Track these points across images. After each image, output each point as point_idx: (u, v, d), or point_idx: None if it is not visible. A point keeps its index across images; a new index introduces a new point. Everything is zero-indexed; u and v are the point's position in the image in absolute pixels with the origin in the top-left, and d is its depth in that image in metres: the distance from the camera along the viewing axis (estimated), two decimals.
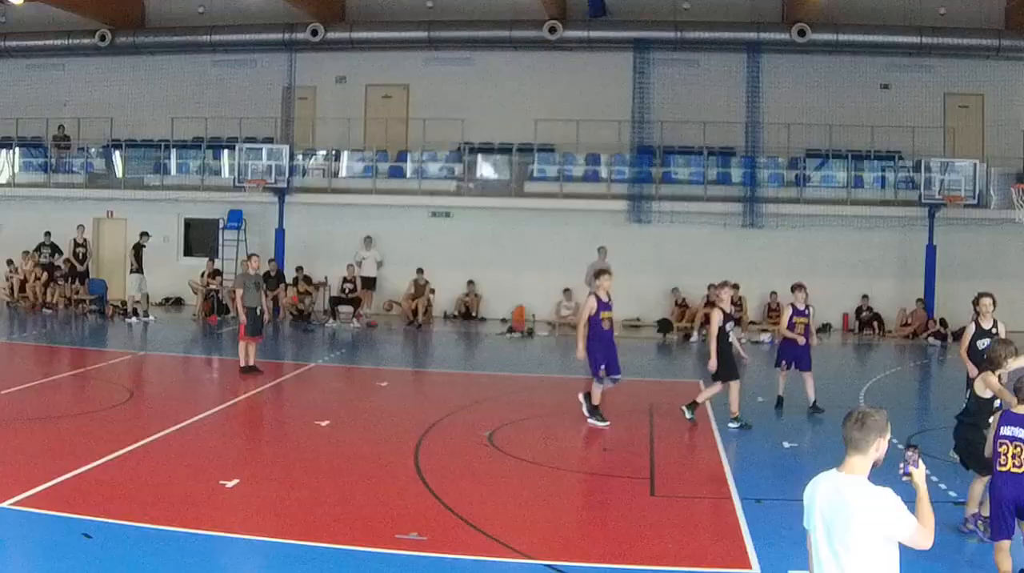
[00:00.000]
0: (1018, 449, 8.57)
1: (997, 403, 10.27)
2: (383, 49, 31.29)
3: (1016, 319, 28.99)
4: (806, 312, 17.26)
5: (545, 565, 9.29)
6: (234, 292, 20.87)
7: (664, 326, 28.45)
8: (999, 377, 10.42)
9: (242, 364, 19.39)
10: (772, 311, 29.21)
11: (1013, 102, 30.15)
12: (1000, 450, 8.69)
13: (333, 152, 31.24)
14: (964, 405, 10.92)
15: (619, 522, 11.14)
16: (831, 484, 5.67)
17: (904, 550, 5.77)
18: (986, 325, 14.21)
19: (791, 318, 17.14)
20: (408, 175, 30.96)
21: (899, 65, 30.61)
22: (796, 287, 17.46)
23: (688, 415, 15.61)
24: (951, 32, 29.86)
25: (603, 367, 15.50)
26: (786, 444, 14.67)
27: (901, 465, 5.93)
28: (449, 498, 11.31)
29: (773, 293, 28.81)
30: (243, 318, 19.37)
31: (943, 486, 12.00)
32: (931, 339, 28.05)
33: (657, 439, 14.90)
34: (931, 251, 29.22)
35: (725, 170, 30.56)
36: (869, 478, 5.65)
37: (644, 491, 12.21)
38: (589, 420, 15.46)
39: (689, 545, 10.25)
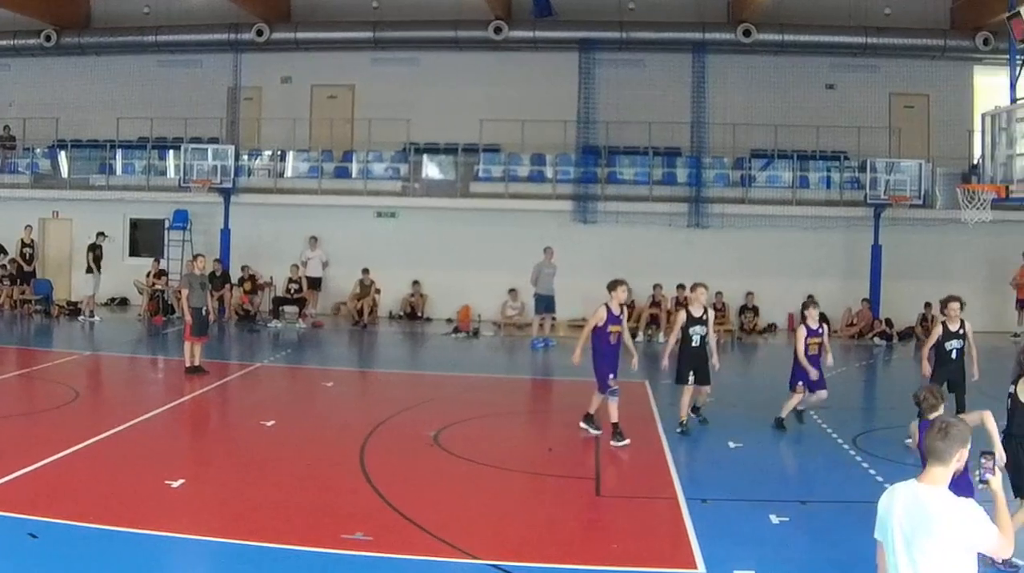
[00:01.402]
0: None
1: None
2: (328, 49, 30.86)
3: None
4: (820, 331, 15.62)
5: (490, 565, 9.26)
6: (179, 292, 20.65)
7: None
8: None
9: (187, 364, 19.15)
10: (718, 311, 28.96)
11: (958, 102, 29.94)
12: None
13: (278, 152, 30.75)
14: (1007, 420, 9.90)
15: (565, 522, 11.06)
16: (910, 494, 5.62)
17: None
18: (953, 327, 14.56)
19: (805, 340, 15.38)
20: (354, 175, 30.50)
21: (845, 65, 30.39)
22: (808, 305, 15.79)
23: (680, 429, 15.02)
24: (896, 32, 29.67)
25: (612, 377, 14.43)
26: (731, 444, 14.57)
27: (977, 473, 5.93)
28: (395, 498, 11.25)
29: (719, 293, 28.50)
30: (189, 318, 19.21)
31: (888, 486, 11.59)
32: (877, 339, 27.82)
33: (602, 439, 14.71)
34: (877, 251, 28.97)
35: (671, 170, 30.17)
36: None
37: (590, 491, 12.24)
38: (613, 442, 14.24)
39: (635, 545, 10.15)
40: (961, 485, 6.17)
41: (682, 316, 15.38)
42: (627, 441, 14.14)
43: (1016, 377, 9.80)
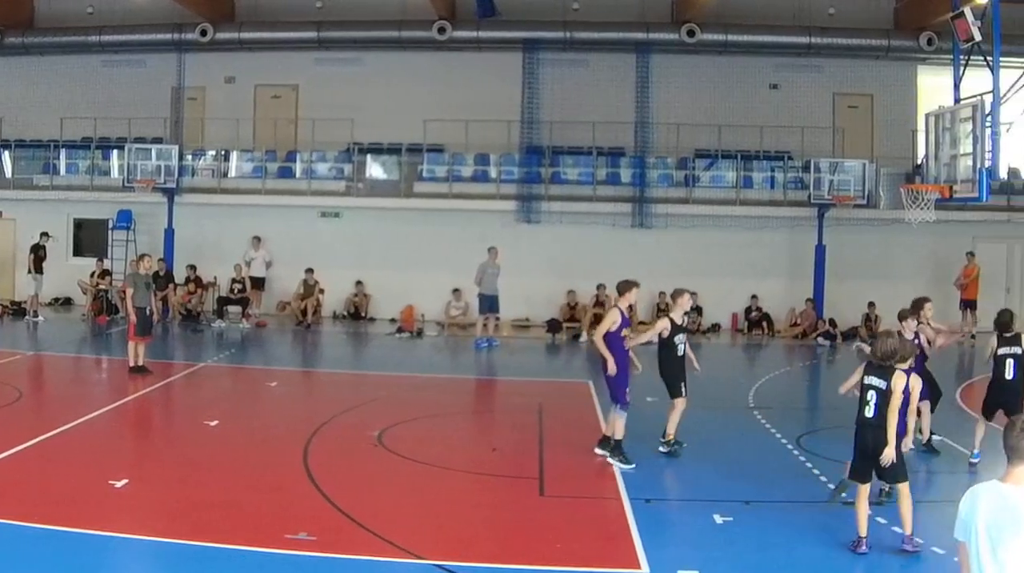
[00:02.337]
0: None
1: None
2: (272, 49, 30.59)
3: None
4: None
5: (434, 565, 9.22)
6: (123, 292, 20.45)
7: (553, 326, 28.07)
8: None
9: (131, 364, 18.97)
10: (661, 311, 28.79)
11: (902, 102, 29.85)
12: None
13: (222, 152, 30.46)
14: None
15: (508, 522, 11.04)
16: (995, 496, 5.51)
17: None
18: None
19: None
20: (297, 175, 30.27)
21: (788, 65, 30.26)
22: (916, 309, 13.92)
23: (664, 449, 13.94)
24: (840, 32, 29.56)
25: (628, 390, 13.47)
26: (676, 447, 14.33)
27: None
28: (338, 498, 11.20)
29: (662, 293, 28.35)
30: (133, 318, 19.04)
31: (832, 486, 11.89)
32: (820, 339, 27.71)
33: (546, 439, 14.74)
34: (820, 251, 28.85)
35: (614, 170, 30.00)
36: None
37: (533, 491, 12.12)
38: (611, 460, 13.23)
39: (578, 545, 10.10)
40: None
41: (665, 323, 14.03)
42: (632, 465, 13.10)
43: None
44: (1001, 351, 13.22)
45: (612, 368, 13.22)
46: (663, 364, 14.08)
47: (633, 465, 13.02)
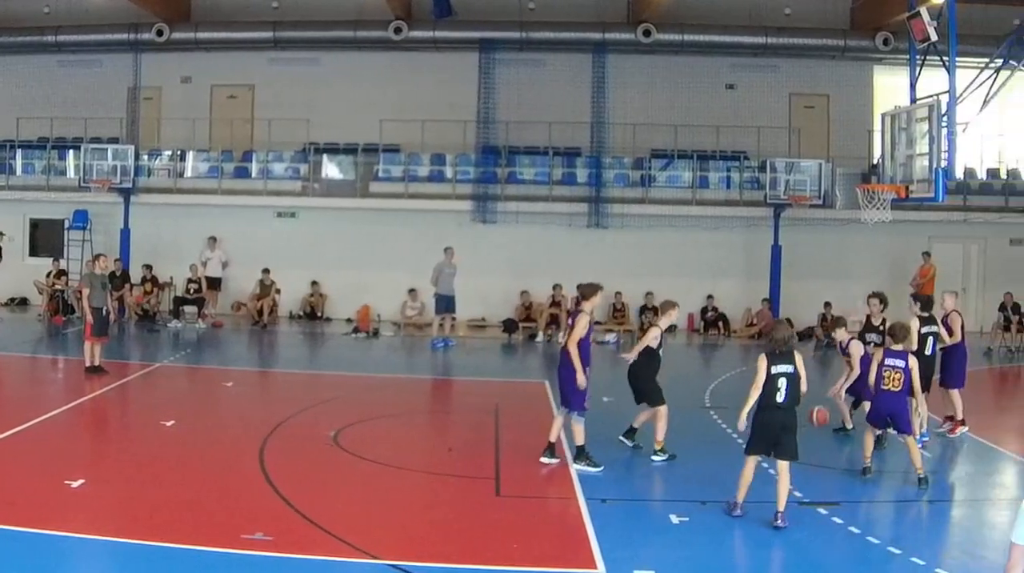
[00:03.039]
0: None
1: None
2: (228, 49, 30.34)
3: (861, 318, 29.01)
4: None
5: (390, 565, 9.15)
6: (80, 292, 20.38)
7: (509, 326, 28.00)
8: None
9: (87, 364, 18.78)
10: (617, 311, 28.87)
11: (858, 102, 29.82)
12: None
13: (178, 152, 30.17)
14: None
15: (465, 522, 10.95)
16: None
17: None
18: (875, 322, 15.46)
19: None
20: (253, 175, 30.02)
21: (745, 65, 30.21)
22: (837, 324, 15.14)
23: (661, 458, 13.63)
24: (797, 32, 29.51)
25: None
26: (630, 444, 14.31)
27: None
28: (294, 498, 11.12)
29: (618, 293, 28.35)
30: (89, 318, 18.85)
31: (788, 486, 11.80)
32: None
33: (502, 439, 14.64)
34: (776, 251, 28.76)
35: (570, 170, 29.82)
36: None
37: (489, 491, 12.06)
38: (578, 465, 12.95)
39: (535, 545, 10.05)
40: None
41: (656, 333, 13.80)
42: (600, 468, 12.93)
43: None
44: (924, 330, 14.73)
45: (582, 380, 12.88)
46: (642, 371, 13.77)
47: (601, 468, 12.81)
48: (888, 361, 12.65)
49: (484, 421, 15.96)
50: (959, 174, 26.61)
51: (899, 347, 12.74)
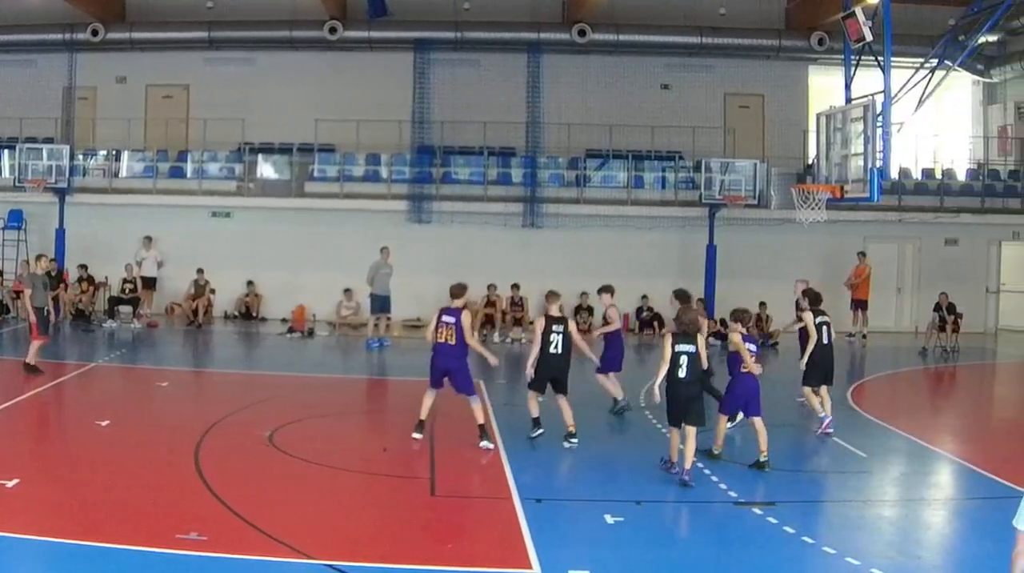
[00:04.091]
0: None
1: None
2: (164, 49, 30.15)
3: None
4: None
5: (325, 565, 9.11)
6: (16, 292, 20.35)
7: None
8: None
9: (30, 362, 18.63)
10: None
11: (793, 102, 29.87)
12: None
13: (113, 152, 29.90)
14: None
15: (400, 522, 10.89)
16: None
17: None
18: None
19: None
20: (188, 175, 29.76)
21: (680, 65, 30.18)
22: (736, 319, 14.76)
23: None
24: (732, 32, 29.50)
25: None
26: (565, 444, 14.33)
27: None
28: (229, 498, 11.07)
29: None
30: (33, 318, 18.73)
31: (723, 486, 12.20)
32: (711, 339, 27.62)
33: (437, 439, 14.49)
34: (711, 251, 28.66)
35: (505, 170, 29.69)
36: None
37: (424, 491, 12.06)
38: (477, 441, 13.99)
39: (470, 545, 10.13)
40: None
41: (540, 324, 14.69)
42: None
43: None
44: (819, 320, 15.67)
45: (493, 360, 14.84)
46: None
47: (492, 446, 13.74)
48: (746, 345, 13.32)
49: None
50: (894, 174, 26.51)
51: (744, 331, 13.41)
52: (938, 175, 30.77)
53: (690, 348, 12.26)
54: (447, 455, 13.77)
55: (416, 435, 14.23)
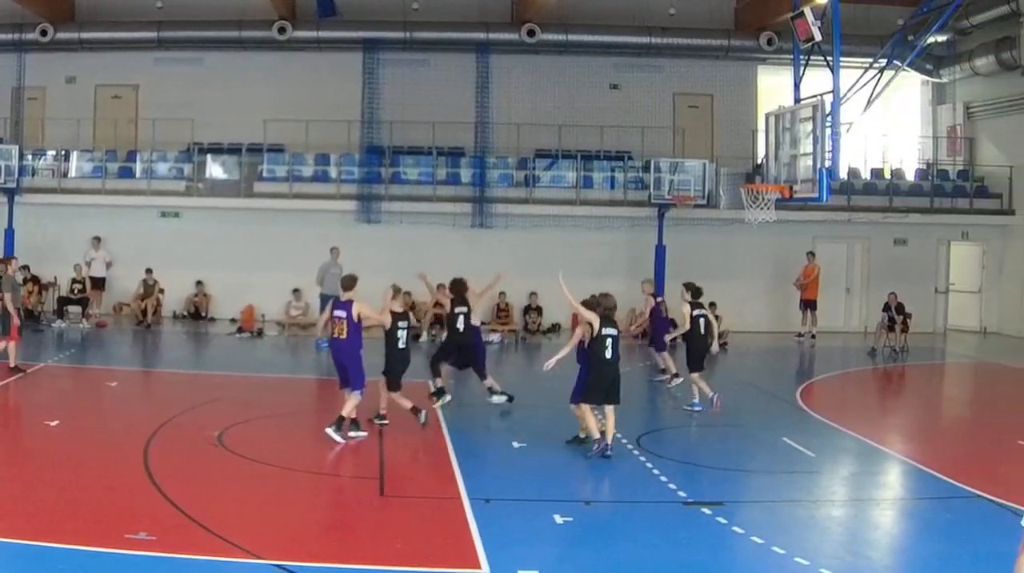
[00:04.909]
0: None
1: None
2: (113, 49, 29.99)
3: (745, 318, 29.03)
4: None
5: (274, 565, 9.07)
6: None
7: None
8: None
9: (11, 365, 18.71)
10: (501, 311, 28.77)
11: (742, 102, 29.90)
12: None
13: (62, 152, 29.66)
14: None
15: (349, 522, 11.02)
16: None
17: None
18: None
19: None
20: (137, 175, 29.56)
21: (629, 65, 30.19)
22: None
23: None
24: (681, 32, 29.53)
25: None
26: (515, 444, 14.42)
27: None
28: (178, 498, 11.01)
29: (502, 293, 28.31)
30: (16, 320, 18.85)
31: (672, 486, 12.22)
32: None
33: (386, 439, 14.53)
34: (661, 251, 28.55)
35: (455, 170, 29.63)
36: None
37: (373, 491, 12.04)
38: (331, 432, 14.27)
39: (419, 545, 10.00)
40: None
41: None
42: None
43: None
44: (696, 313, 17.43)
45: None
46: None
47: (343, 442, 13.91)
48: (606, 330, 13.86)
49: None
50: (843, 174, 26.51)
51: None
52: (887, 175, 30.82)
53: (614, 331, 13.41)
54: (396, 455, 13.86)
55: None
